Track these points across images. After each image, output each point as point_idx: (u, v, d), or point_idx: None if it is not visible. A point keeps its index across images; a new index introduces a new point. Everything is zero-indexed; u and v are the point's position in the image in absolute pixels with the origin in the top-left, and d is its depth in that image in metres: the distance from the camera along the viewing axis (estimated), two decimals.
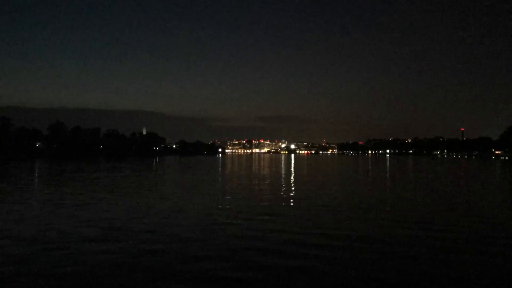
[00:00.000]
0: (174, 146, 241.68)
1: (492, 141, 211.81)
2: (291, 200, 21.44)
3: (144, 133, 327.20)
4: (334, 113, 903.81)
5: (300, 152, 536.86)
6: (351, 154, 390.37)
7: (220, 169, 59.38)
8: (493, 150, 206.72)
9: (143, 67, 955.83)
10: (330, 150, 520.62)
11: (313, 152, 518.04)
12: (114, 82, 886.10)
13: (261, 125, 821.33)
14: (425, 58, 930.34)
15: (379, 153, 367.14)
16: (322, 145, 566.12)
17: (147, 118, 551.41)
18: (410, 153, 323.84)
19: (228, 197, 22.55)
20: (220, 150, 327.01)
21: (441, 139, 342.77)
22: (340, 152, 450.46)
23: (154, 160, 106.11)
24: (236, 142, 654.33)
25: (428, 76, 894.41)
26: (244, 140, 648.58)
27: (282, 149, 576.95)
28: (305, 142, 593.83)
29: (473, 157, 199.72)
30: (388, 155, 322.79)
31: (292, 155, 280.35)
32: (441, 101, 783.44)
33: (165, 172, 49.59)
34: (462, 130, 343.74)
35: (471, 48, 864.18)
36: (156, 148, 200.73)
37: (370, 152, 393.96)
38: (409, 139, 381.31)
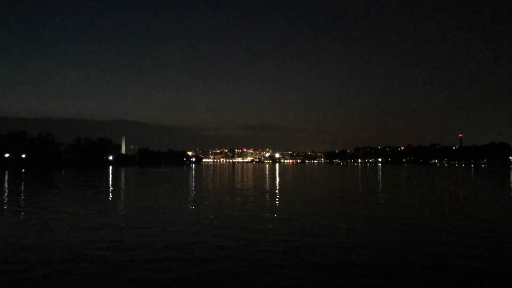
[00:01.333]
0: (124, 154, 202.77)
1: (508, 148, 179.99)
2: None
3: (123, 142, 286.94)
4: (321, 122, 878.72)
5: (285, 161, 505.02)
6: (340, 163, 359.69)
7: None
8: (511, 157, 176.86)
9: (129, 77, 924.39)
10: (317, 160, 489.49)
11: (298, 161, 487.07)
12: (98, 91, 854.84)
13: (247, 134, 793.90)
14: (416, 59, 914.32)
15: (370, 162, 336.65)
16: (308, 154, 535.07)
17: (132, 128, 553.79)
18: (404, 161, 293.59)
19: None
20: (193, 159, 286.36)
21: (437, 146, 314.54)
22: (327, 161, 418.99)
23: (95, 174, 71.06)
24: (218, 151, 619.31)
25: (420, 80, 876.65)
26: (226, 149, 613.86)
27: (266, 158, 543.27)
28: (290, 151, 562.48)
29: (483, 166, 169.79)
30: (380, 164, 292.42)
31: (277, 165, 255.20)
32: (435, 106, 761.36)
33: None
34: (460, 137, 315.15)
35: (466, 49, 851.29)
36: (108, 157, 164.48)
37: (360, 161, 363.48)
38: (402, 146, 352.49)
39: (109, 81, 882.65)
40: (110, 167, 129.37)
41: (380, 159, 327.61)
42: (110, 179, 56.42)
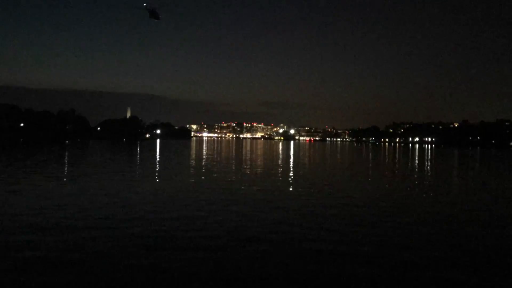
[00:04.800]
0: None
1: None
2: None
3: (128, 115, 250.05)
4: (342, 96, 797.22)
5: (301, 138, 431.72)
6: (371, 143, 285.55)
7: None
8: None
9: (146, 51, 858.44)
10: (341, 138, 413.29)
11: (317, 139, 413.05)
12: (113, 65, 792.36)
13: (263, 111, 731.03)
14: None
15: (413, 142, 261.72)
16: (329, 131, 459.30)
17: (148, 101, 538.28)
18: (465, 143, 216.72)
19: None
20: (158, 131, 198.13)
21: (506, 123, 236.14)
22: (353, 139, 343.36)
23: None
24: (225, 125, 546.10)
25: (476, 39, 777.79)
26: (234, 122, 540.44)
27: (279, 134, 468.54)
28: (307, 127, 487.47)
29: None
30: (428, 145, 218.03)
31: (292, 143, 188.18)
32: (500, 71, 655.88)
33: None
34: None
35: None
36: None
37: (398, 140, 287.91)
38: (455, 122, 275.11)
39: (125, 56, 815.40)
40: None
41: (428, 139, 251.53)
42: None
